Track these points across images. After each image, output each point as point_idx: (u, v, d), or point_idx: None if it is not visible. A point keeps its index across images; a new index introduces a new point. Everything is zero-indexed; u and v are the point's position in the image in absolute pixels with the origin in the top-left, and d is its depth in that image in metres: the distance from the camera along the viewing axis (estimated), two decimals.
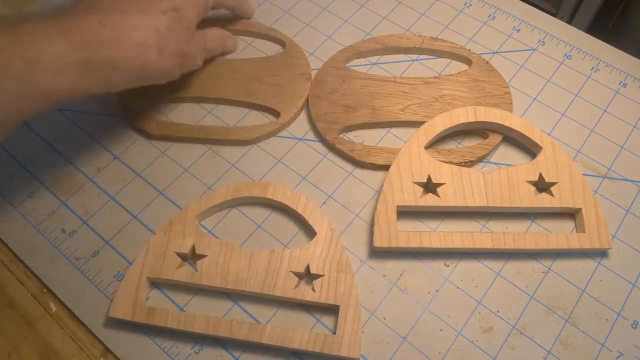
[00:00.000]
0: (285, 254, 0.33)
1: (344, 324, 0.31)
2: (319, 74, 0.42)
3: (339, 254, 0.33)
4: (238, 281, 0.33)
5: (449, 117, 0.38)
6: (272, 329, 0.31)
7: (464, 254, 0.35)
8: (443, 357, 0.32)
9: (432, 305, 0.33)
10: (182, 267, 0.33)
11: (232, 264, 0.33)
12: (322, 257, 0.33)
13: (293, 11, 0.46)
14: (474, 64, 0.42)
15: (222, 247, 0.34)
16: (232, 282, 0.33)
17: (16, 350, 0.33)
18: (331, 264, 0.33)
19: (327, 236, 0.34)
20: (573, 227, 0.36)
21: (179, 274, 0.33)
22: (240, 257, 0.33)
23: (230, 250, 0.34)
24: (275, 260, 0.33)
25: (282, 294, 0.32)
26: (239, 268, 0.33)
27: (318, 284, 0.32)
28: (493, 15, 0.46)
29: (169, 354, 0.32)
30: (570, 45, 0.44)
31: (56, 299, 0.34)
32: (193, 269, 0.33)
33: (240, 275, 0.33)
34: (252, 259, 0.33)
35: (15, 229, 0.36)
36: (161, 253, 0.34)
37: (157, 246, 0.34)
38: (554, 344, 0.32)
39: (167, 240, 0.34)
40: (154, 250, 0.34)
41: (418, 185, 0.35)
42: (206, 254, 0.34)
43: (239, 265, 0.33)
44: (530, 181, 0.36)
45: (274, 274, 0.33)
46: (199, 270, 0.33)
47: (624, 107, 0.41)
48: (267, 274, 0.33)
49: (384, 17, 0.46)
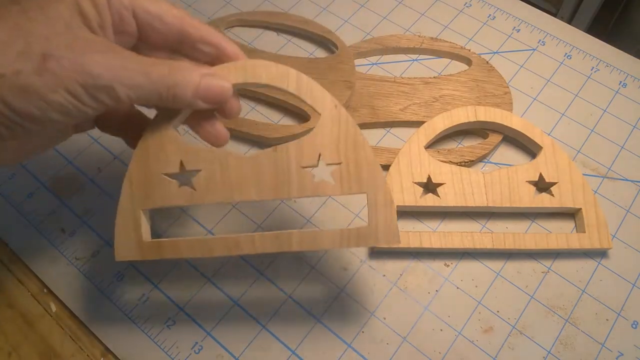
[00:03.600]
0: (290, 147, 0.28)
1: (375, 212, 0.27)
2: None
3: (352, 133, 0.28)
4: (245, 191, 0.28)
5: (449, 117, 0.38)
6: (300, 235, 0.28)
7: (464, 254, 0.35)
8: (443, 357, 0.32)
9: (432, 305, 0.33)
10: (177, 189, 0.28)
11: (232, 172, 0.28)
12: (333, 141, 0.28)
13: (293, 11, 0.46)
14: (474, 64, 0.42)
15: (214, 156, 0.28)
16: (239, 193, 0.28)
17: (16, 350, 0.33)
18: (346, 146, 0.28)
19: (333, 114, 0.28)
20: (573, 227, 0.36)
21: (177, 198, 0.28)
22: (240, 163, 0.28)
23: (226, 158, 0.28)
24: (281, 158, 0.28)
25: (300, 194, 0.28)
26: (242, 175, 0.28)
27: (337, 174, 0.28)
28: (493, 15, 0.46)
29: (169, 354, 0.32)
30: (570, 45, 0.44)
31: (56, 299, 0.34)
32: (190, 189, 0.28)
33: (246, 184, 0.28)
34: (255, 162, 0.28)
35: (15, 229, 0.36)
36: (147, 180, 0.28)
37: (139, 173, 0.28)
38: (554, 344, 0.32)
39: (148, 164, 0.28)
40: (137, 179, 0.28)
41: (418, 185, 0.35)
42: (199, 168, 0.28)
43: (241, 173, 0.28)
44: (530, 181, 0.36)
45: (284, 173, 0.28)
46: (197, 188, 0.28)
47: (624, 107, 0.41)
48: (276, 175, 0.28)
49: (384, 17, 0.46)
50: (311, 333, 0.33)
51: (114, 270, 0.35)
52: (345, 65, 0.41)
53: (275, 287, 0.34)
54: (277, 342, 0.32)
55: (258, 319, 0.33)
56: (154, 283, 0.34)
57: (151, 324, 0.33)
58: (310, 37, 0.45)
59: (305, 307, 0.33)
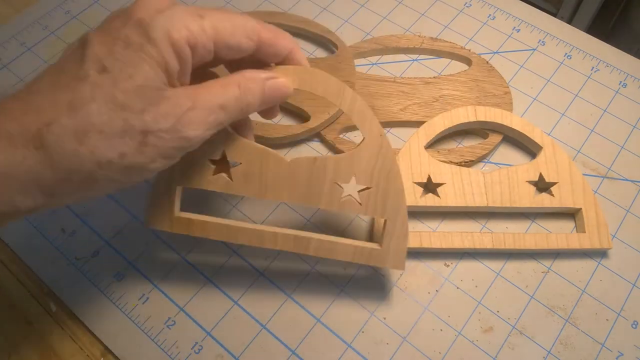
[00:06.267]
0: (329, 162, 0.29)
1: (390, 238, 0.30)
2: None
3: (389, 163, 0.29)
4: (278, 192, 0.29)
5: (449, 117, 0.38)
6: (318, 241, 0.30)
7: (464, 254, 0.35)
8: (443, 357, 0.32)
9: (432, 305, 0.33)
10: (215, 175, 0.30)
11: (270, 172, 0.29)
12: (369, 167, 0.29)
13: (293, 11, 0.46)
14: (474, 64, 0.42)
15: (257, 153, 0.29)
16: (273, 192, 0.29)
17: (16, 350, 0.33)
18: (380, 174, 0.29)
19: (377, 142, 0.29)
20: (573, 227, 0.36)
21: (213, 183, 0.30)
22: (279, 165, 0.29)
23: (267, 157, 0.29)
24: (318, 170, 0.29)
25: (327, 207, 0.30)
26: (279, 177, 0.29)
27: (365, 197, 0.30)
28: (493, 15, 0.46)
29: (168, 354, 0.32)
30: (570, 45, 0.44)
31: (56, 299, 0.34)
32: (228, 178, 0.30)
33: (280, 186, 0.29)
34: (292, 168, 0.29)
35: (15, 229, 0.36)
36: (191, 160, 0.29)
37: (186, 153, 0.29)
38: (554, 344, 0.32)
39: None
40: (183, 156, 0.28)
41: (418, 185, 0.35)
42: (240, 161, 0.29)
43: (278, 174, 0.29)
44: (530, 181, 0.36)
45: (317, 185, 0.29)
46: (235, 179, 0.29)
47: (624, 107, 0.41)
48: (309, 185, 0.29)
49: (384, 17, 0.46)
50: (311, 333, 0.33)
51: (114, 270, 0.35)
52: (345, 65, 0.41)
53: (275, 287, 0.34)
54: (277, 342, 0.32)
55: (258, 319, 0.33)
56: (154, 283, 0.34)
57: (151, 324, 0.33)
58: (310, 37, 0.45)
59: (305, 307, 0.33)
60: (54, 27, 0.46)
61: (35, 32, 0.45)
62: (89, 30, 0.24)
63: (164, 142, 0.24)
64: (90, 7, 0.47)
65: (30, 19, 0.46)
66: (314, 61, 0.42)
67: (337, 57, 0.42)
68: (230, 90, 0.25)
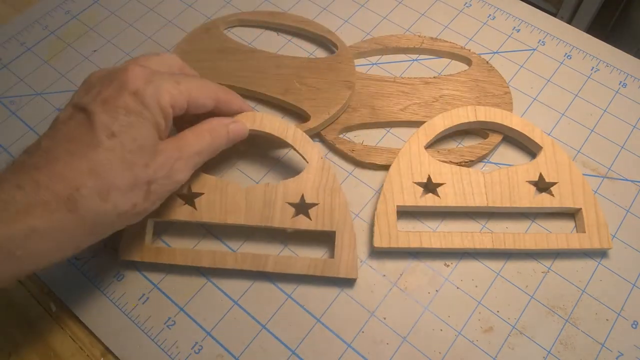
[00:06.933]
0: (279, 186, 0.34)
1: (340, 249, 0.33)
2: None
3: (331, 181, 0.34)
4: (237, 215, 0.34)
5: (449, 117, 0.38)
6: (275, 258, 0.33)
7: (464, 254, 0.35)
8: (443, 357, 0.32)
9: (432, 305, 0.33)
10: (182, 207, 0.34)
11: (229, 199, 0.34)
12: (315, 186, 0.34)
13: (293, 11, 0.46)
14: (474, 64, 0.42)
15: (216, 184, 0.34)
16: (232, 216, 0.34)
17: (16, 350, 0.33)
18: (324, 191, 0.34)
19: (319, 164, 0.35)
20: (573, 227, 0.36)
21: (180, 213, 0.34)
22: (236, 193, 0.34)
23: (226, 186, 0.34)
24: (270, 193, 0.34)
25: (281, 225, 0.33)
26: (236, 203, 0.34)
27: (314, 213, 0.34)
28: (493, 15, 0.46)
29: (168, 354, 0.32)
30: (570, 45, 0.44)
31: (56, 299, 0.34)
32: (192, 208, 0.34)
33: (238, 210, 0.34)
34: (248, 193, 0.34)
35: None
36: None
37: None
38: (554, 344, 0.32)
39: None
40: None
41: (418, 185, 0.35)
42: (202, 191, 0.34)
43: (235, 200, 0.34)
44: (530, 181, 0.36)
45: (270, 206, 0.34)
46: (198, 208, 0.34)
47: (624, 107, 0.41)
48: (264, 206, 0.34)
49: (384, 17, 0.46)
50: (311, 333, 0.33)
51: (114, 270, 0.35)
52: (345, 65, 0.41)
53: (275, 287, 0.34)
54: (277, 342, 0.32)
55: (258, 319, 0.33)
56: (154, 283, 0.34)
57: (151, 324, 0.33)
58: (310, 37, 0.45)
59: (305, 307, 0.33)
60: (54, 27, 0.46)
61: (35, 32, 0.45)
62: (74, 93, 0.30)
63: (163, 187, 0.29)
64: (90, 7, 0.46)
65: (30, 19, 0.46)
66: (313, 61, 0.42)
67: (337, 57, 0.42)
68: (204, 139, 0.32)
